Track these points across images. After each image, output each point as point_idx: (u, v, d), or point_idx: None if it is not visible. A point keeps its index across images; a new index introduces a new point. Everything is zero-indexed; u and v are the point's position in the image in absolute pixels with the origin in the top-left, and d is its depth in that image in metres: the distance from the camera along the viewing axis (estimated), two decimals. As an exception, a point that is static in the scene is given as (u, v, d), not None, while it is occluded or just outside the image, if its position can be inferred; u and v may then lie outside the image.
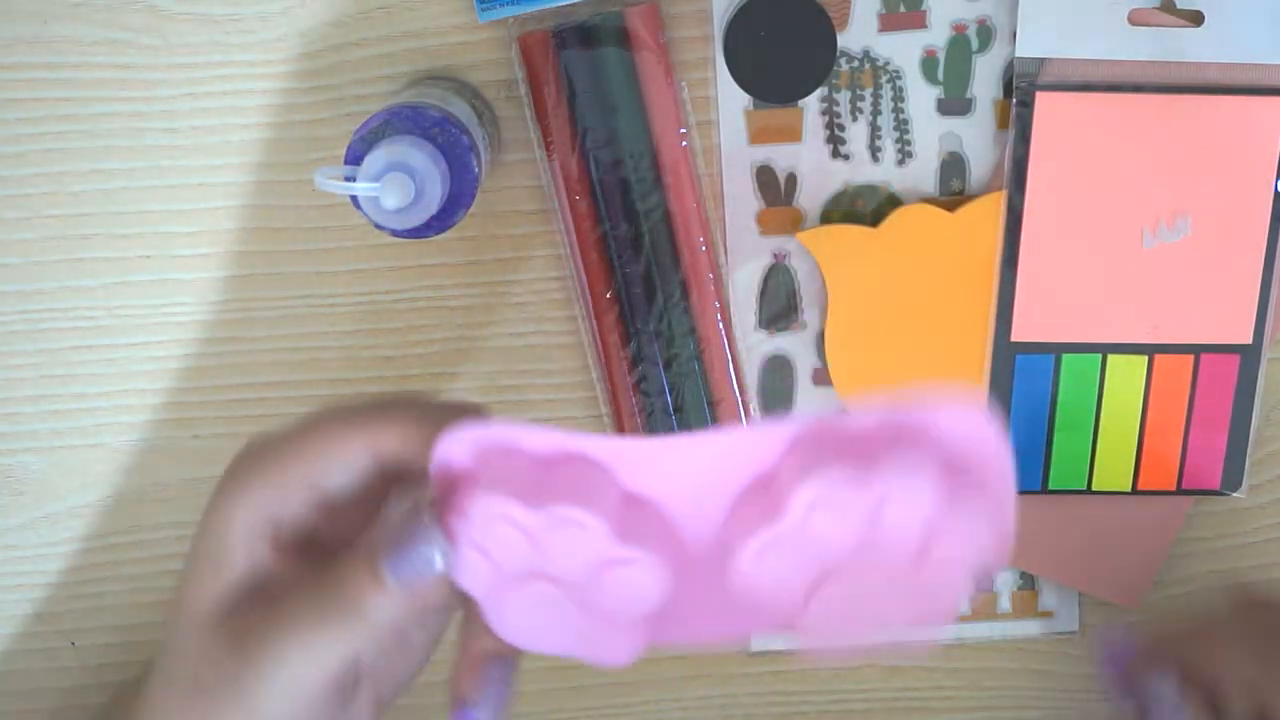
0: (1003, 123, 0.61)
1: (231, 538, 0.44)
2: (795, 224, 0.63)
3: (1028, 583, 0.66)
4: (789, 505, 0.43)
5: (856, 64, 0.61)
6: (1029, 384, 0.63)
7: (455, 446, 0.43)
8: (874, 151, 0.62)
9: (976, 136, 0.61)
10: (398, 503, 0.43)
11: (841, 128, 0.61)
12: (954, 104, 0.61)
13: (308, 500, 0.44)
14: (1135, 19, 0.59)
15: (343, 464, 0.44)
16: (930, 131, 0.61)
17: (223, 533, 0.45)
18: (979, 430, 0.44)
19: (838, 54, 0.60)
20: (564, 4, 0.58)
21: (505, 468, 0.43)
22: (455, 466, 0.44)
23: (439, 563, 0.42)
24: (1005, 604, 0.66)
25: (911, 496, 0.43)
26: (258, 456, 0.45)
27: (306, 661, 0.43)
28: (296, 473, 0.44)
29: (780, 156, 0.62)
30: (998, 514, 0.44)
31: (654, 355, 0.62)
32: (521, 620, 0.45)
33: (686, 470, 0.44)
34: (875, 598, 0.44)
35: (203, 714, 0.44)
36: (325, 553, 0.45)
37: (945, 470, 0.43)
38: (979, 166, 0.62)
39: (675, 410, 0.62)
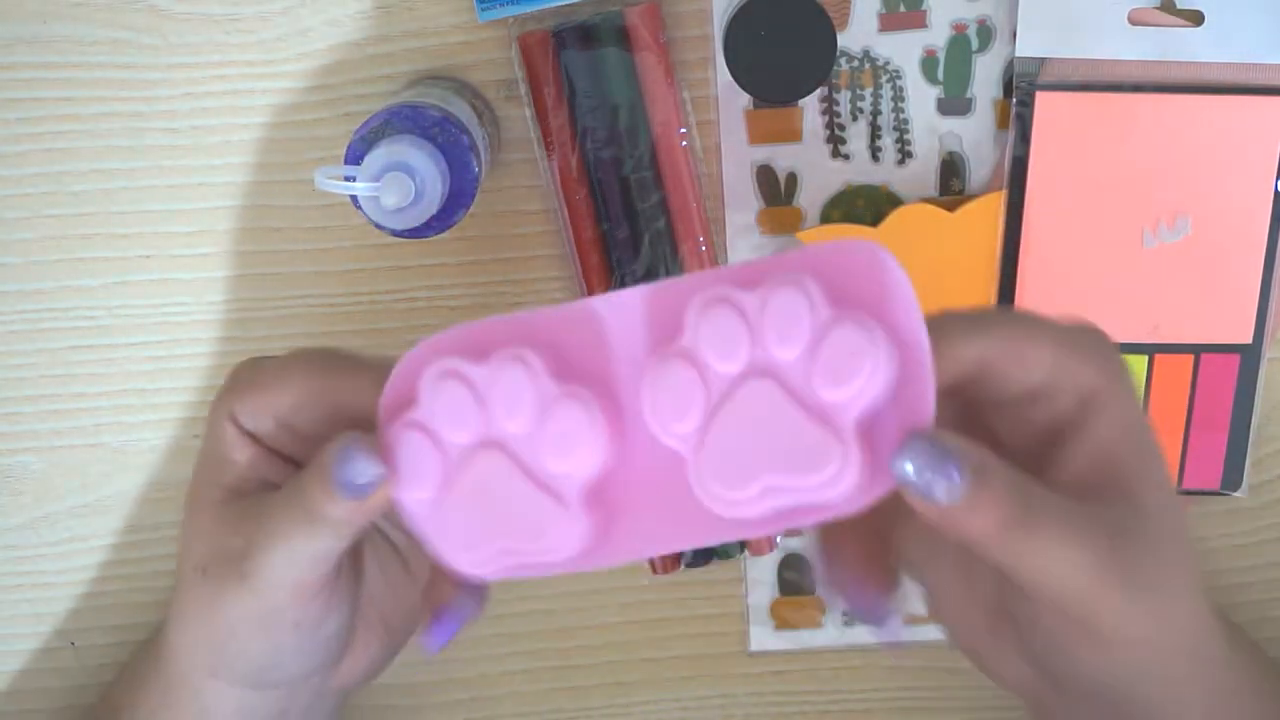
0: (1003, 123, 0.61)
1: (225, 441, 0.51)
2: (795, 224, 0.63)
3: (1028, 583, 0.66)
4: (683, 324, 0.44)
5: (856, 64, 0.61)
6: (1029, 384, 0.63)
7: (405, 372, 0.47)
8: (874, 151, 0.62)
9: (976, 136, 0.61)
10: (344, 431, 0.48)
11: (841, 128, 0.61)
12: (954, 104, 0.61)
13: (277, 426, 0.51)
14: (1135, 19, 0.59)
15: (303, 408, 0.50)
16: (930, 131, 0.61)
17: (218, 436, 0.51)
18: (870, 260, 0.43)
19: (838, 54, 0.60)
20: (564, 4, 0.58)
21: (449, 348, 0.46)
22: (406, 390, 0.47)
23: (373, 474, 0.46)
24: (1005, 604, 0.66)
25: (789, 307, 0.43)
26: (244, 378, 0.51)
27: (289, 554, 0.49)
28: (267, 405, 0.51)
29: (780, 156, 0.62)
30: (901, 349, 0.43)
31: (654, 355, 0.62)
32: (466, 520, 0.46)
33: (610, 333, 0.45)
34: (769, 432, 0.43)
35: (214, 593, 0.50)
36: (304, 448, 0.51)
37: (834, 299, 0.43)
38: (979, 166, 0.62)
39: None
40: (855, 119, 0.61)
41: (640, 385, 0.45)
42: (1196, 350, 0.63)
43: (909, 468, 0.43)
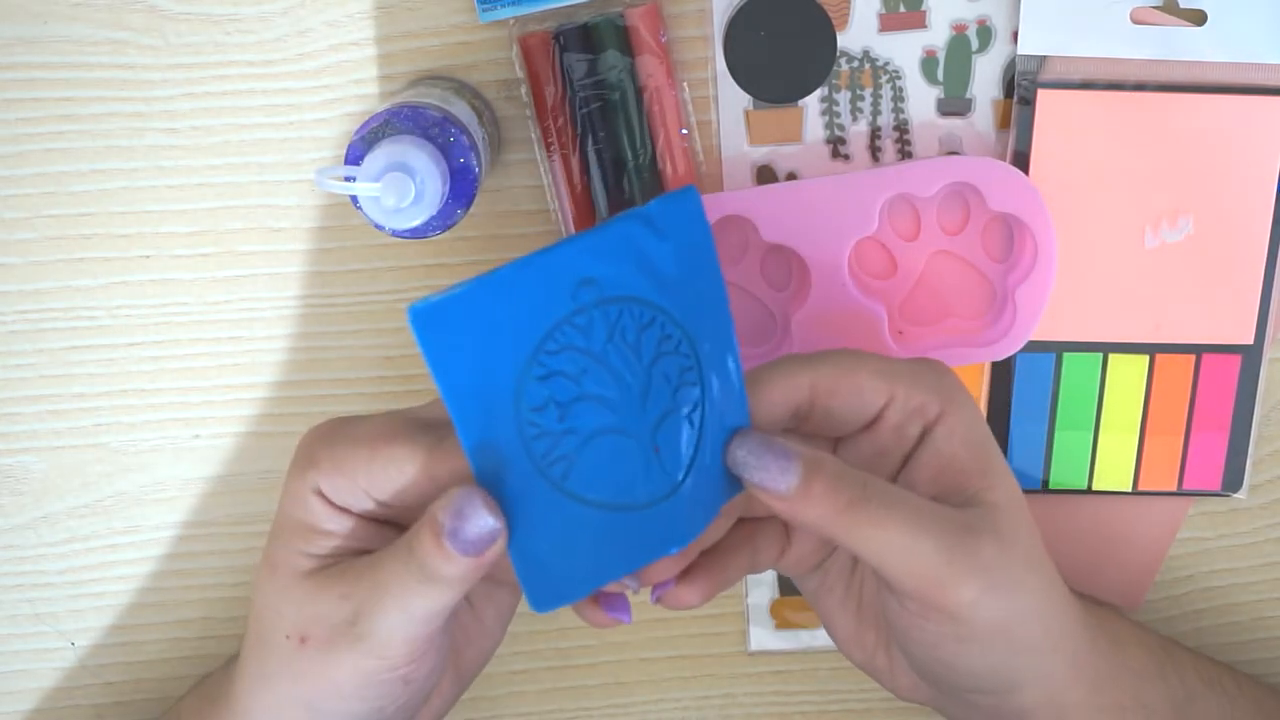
0: (1003, 123, 0.61)
1: (307, 509, 0.51)
2: (795, 224, 0.63)
3: (1028, 583, 0.66)
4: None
5: (856, 64, 0.61)
6: (1030, 383, 0.63)
7: None
8: (874, 151, 0.62)
9: (976, 136, 0.61)
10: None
11: (841, 128, 0.61)
12: (954, 104, 0.61)
13: (369, 497, 0.51)
14: (1137, 18, 0.59)
15: (396, 482, 0.50)
16: (930, 131, 0.61)
17: (299, 503, 0.51)
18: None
19: (838, 54, 0.60)
20: (565, 5, 0.58)
21: None
22: None
23: (491, 528, 0.47)
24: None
25: None
26: (328, 449, 0.51)
27: (404, 614, 0.49)
28: (358, 488, 0.50)
29: (780, 156, 0.62)
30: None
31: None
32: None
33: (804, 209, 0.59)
34: None
35: (318, 659, 0.50)
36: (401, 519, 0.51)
37: None
38: (979, 166, 0.62)
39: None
40: (855, 119, 0.61)
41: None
42: (1197, 350, 0.63)
43: (740, 454, 0.49)
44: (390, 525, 0.52)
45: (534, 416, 0.47)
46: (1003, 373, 0.63)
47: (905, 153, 0.62)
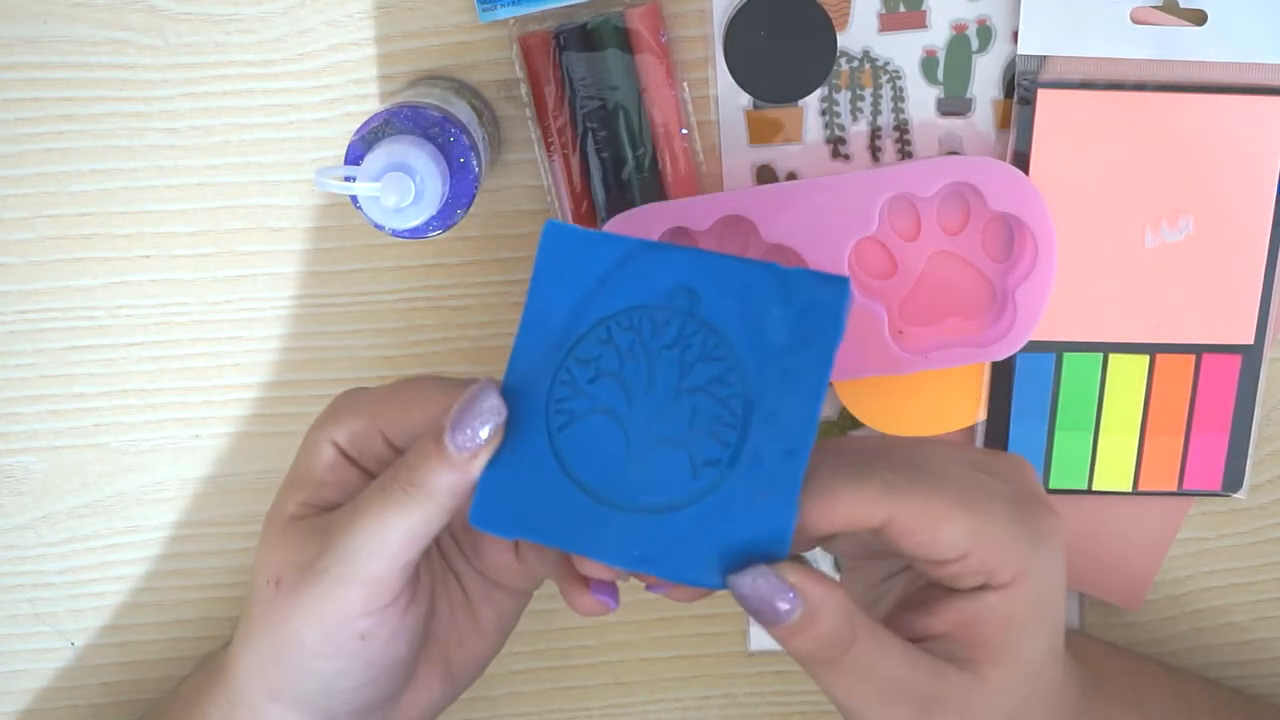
0: (1003, 123, 0.61)
1: (318, 459, 0.52)
2: (795, 224, 0.63)
3: (1028, 583, 0.66)
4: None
5: (856, 64, 0.61)
6: (1030, 383, 0.63)
7: None
8: (874, 151, 0.62)
9: (976, 136, 0.61)
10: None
11: (842, 128, 0.61)
12: (954, 104, 0.61)
13: (382, 442, 0.51)
14: (1137, 18, 0.59)
15: (415, 419, 0.50)
16: (930, 131, 0.61)
17: (312, 454, 0.52)
18: None
19: (838, 54, 0.60)
20: (565, 4, 0.58)
21: None
22: None
23: (496, 413, 0.48)
24: (1006, 604, 0.66)
25: None
26: (350, 400, 0.52)
27: (373, 537, 0.48)
28: (375, 421, 0.51)
29: (780, 156, 0.62)
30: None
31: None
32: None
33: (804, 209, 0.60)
34: None
35: (285, 603, 0.49)
36: None
37: None
38: (980, 166, 0.62)
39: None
40: (855, 119, 0.61)
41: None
42: (1198, 350, 0.63)
43: (747, 585, 0.46)
44: None
45: (574, 367, 0.49)
46: (1003, 373, 0.63)
47: (905, 153, 0.62)
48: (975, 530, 0.47)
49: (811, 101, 0.61)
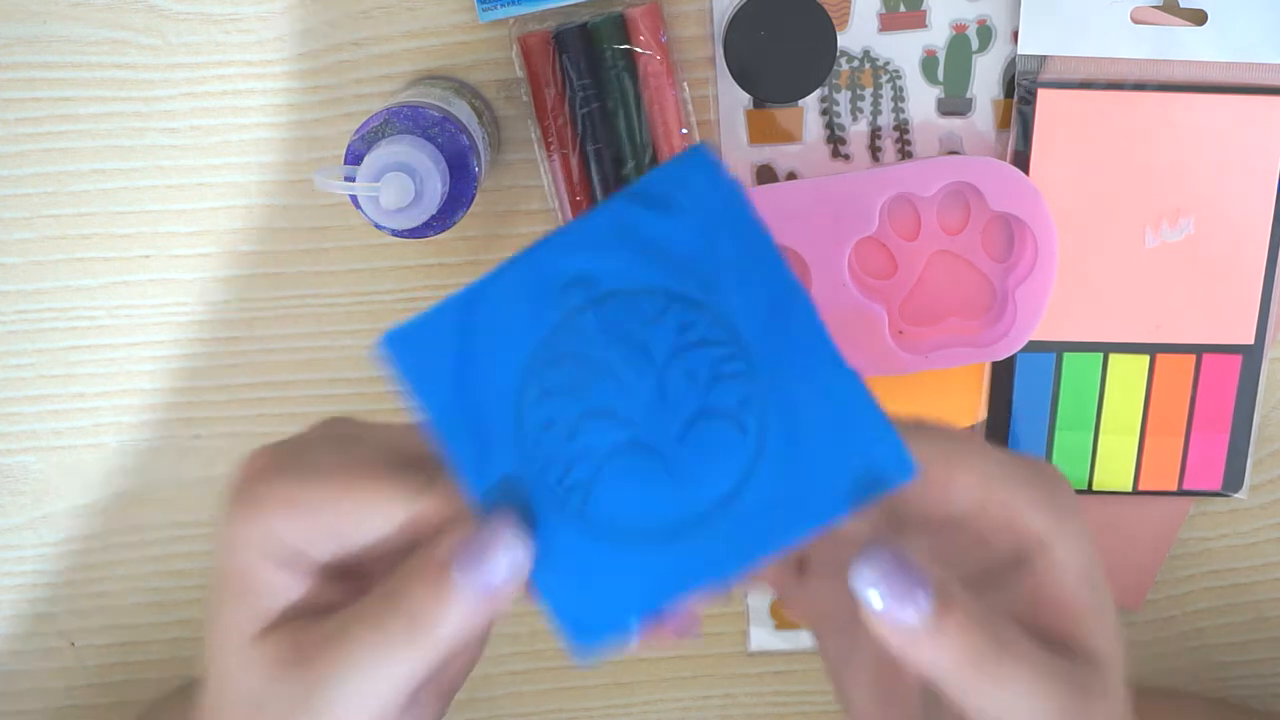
0: (1003, 123, 0.61)
1: (255, 564, 0.41)
2: (795, 224, 0.63)
3: (1028, 583, 0.66)
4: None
5: (856, 64, 0.61)
6: (1030, 382, 0.63)
7: None
8: (874, 151, 0.62)
9: (976, 136, 0.61)
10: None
11: (842, 128, 0.61)
12: (954, 104, 0.61)
13: (334, 546, 0.42)
14: (1137, 18, 0.59)
15: (376, 529, 0.41)
16: (930, 131, 0.61)
17: (245, 557, 0.42)
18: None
19: (838, 54, 0.60)
20: (565, 4, 0.58)
21: None
22: None
23: (519, 560, 0.40)
24: (1006, 604, 0.66)
25: None
26: (269, 489, 0.41)
27: (375, 682, 0.40)
28: (312, 527, 0.41)
29: (780, 156, 0.62)
30: None
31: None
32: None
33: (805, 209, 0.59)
34: None
35: None
36: (366, 570, 0.42)
37: None
38: (980, 166, 0.62)
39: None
40: (855, 119, 0.61)
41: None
42: (1198, 350, 0.63)
43: (871, 584, 0.39)
44: (353, 579, 0.43)
45: (540, 441, 0.41)
46: (1003, 373, 0.63)
47: (905, 153, 0.62)
48: (988, 474, 0.42)
49: (811, 101, 0.61)
